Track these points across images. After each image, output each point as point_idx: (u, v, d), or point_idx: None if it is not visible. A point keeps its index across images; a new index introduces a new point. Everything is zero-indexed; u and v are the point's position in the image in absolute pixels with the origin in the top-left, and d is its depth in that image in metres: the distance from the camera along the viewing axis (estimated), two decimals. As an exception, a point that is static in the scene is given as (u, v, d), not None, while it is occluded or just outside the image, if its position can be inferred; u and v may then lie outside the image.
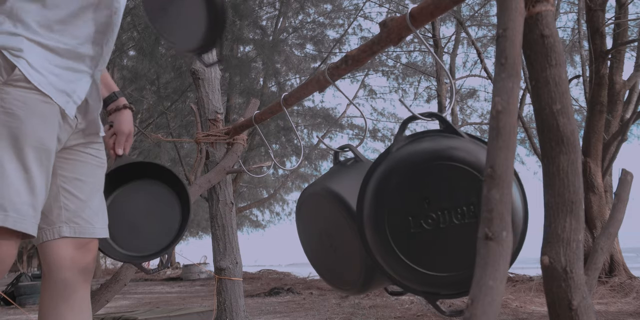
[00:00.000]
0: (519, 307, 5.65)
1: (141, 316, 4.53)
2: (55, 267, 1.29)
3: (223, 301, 2.26)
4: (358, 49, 1.22)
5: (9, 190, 1.10)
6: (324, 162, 13.16)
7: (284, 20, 10.76)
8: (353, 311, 5.68)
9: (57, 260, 1.29)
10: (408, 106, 1.10)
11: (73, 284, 1.31)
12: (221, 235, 2.31)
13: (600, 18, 6.75)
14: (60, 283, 1.30)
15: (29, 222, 1.14)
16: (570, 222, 0.75)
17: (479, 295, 0.51)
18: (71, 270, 1.31)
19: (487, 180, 0.58)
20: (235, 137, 2.25)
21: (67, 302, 1.30)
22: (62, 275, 1.30)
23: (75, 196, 1.33)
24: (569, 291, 0.74)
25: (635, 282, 6.44)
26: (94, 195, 1.36)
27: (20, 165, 1.12)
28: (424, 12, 1.01)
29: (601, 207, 6.74)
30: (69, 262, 1.31)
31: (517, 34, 0.66)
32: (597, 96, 6.70)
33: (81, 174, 1.34)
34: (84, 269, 1.33)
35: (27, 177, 1.13)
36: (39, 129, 1.15)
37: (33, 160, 1.14)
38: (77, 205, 1.33)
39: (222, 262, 2.28)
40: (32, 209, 1.14)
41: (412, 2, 9.32)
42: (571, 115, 0.79)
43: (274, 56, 9.65)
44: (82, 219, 1.33)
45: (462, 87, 13.14)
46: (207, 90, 2.33)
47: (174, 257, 22.40)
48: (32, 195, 1.14)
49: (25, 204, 1.13)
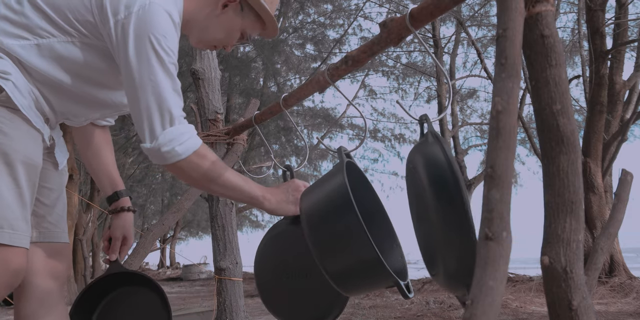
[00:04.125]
0: (519, 307, 5.65)
1: (141, 316, 4.53)
2: (29, 273, 1.29)
3: (223, 301, 2.26)
4: (358, 49, 1.22)
5: (3, 207, 1.12)
6: (324, 162, 13.16)
7: (284, 20, 10.76)
8: (353, 311, 5.68)
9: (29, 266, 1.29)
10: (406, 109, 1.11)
11: (48, 290, 1.32)
12: (221, 235, 2.31)
13: (600, 18, 6.75)
14: (35, 289, 1.31)
15: (23, 236, 1.15)
16: (570, 222, 0.75)
17: (479, 296, 0.51)
18: (42, 276, 1.32)
19: (487, 180, 0.58)
20: (235, 137, 2.25)
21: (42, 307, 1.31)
22: (36, 281, 1.32)
23: (42, 202, 1.35)
24: (569, 291, 0.74)
25: (635, 282, 6.44)
26: (58, 201, 1.39)
27: (12, 180, 1.13)
28: (424, 12, 1.00)
29: (601, 207, 6.74)
30: (42, 267, 1.33)
31: (517, 34, 0.66)
32: (597, 96, 6.70)
33: (46, 182, 1.36)
34: (57, 276, 1.36)
35: (19, 193, 1.15)
36: (27, 146, 1.17)
37: (23, 175, 1.15)
38: (44, 211, 1.36)
39: (222, 262, 2.28)
40: (25, 223, 1.16)
41: (412, 2, 9.33)
42: (571, 115, 0.79)
43: (274, 56, 9.65)
44: (50, 224, 1.36)
45: (462, 87, 13.13)
46: (207, 90, 2.33)
47: (174, 257, 22.41)
48: (23, 209, 1.16)
49: (18, 219, 1.14)
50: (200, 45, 1.38)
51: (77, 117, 1.37)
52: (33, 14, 1.19)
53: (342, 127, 13.19)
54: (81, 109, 1.33)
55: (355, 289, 1.11)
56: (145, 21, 1.14)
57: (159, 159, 1.20)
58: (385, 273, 1.01)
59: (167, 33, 1.16)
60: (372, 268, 1.01)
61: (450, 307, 5.77)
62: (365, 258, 1.01)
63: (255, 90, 10.08)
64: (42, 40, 1.19)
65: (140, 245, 2.20)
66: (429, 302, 6.07)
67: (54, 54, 1.20)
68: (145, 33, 1.14)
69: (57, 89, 1.25)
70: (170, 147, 1.18)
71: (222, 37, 1.35)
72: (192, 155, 1.20)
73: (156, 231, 2.24)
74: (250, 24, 1.35)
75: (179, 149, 1.18)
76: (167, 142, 1.17)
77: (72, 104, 1.30)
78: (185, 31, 1.34)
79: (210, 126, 2.30)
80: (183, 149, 1.19)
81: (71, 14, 1.19)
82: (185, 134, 1.20)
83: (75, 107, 1.31)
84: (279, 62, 10.46)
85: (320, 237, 1.09)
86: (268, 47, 9.36)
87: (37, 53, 1.19)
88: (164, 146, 1.17)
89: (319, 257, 1.08)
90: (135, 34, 1.14)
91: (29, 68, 1.20)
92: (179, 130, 1.19)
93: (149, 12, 1.14)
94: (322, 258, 1.08)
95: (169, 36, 1.16)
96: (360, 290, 1.12)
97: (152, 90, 1.16)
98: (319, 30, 10.81)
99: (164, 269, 20.77)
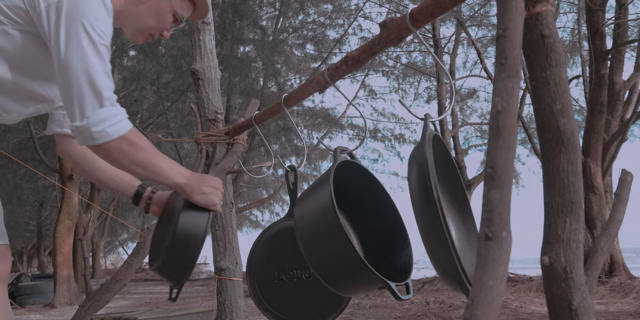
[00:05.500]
0: (519, 307, 5.65)
1: (141, 316, 4.53)
2: None
3: (223, 301, 2.26)
4: (358, 49, 1.22)
5: None
6: (324, 162, 13.17)
7: (284, 20, 10.76)
8: (353, 311, 5.68)
9: None
10: (407, 107, 1.11)
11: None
12: (221, 235, 2.31)
13: (600, 18, 6.75)
14: None
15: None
16: (570, 222, 0.75)
17: (479, 296, 0.51)
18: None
19: (487, 180, 0.58)
20: (236, 137, 2.25)
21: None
22: None
23: None
24: (569, 291, 0.74)
25: (635, 282, 6.44)
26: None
27: None
28: (424, 12, 1.00)
29: (601, 207, 6.74)
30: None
31: (517, 34, 0.66)
32: (597, 96, 6.70)
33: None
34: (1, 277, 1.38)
35: None
36: None
37: None
38: None
39: (222, 262, 2.28)
40: None
41: (412, 2, 9.32)
42: (571, 115, 0.79)
43: (274, 56, 9.65)
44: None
45: (462, 88, 13.14)
46: (207, 90, 2.33)
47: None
48: None
49: None
50: (137, 36, 1.39)
51: (10, 113, 1.36)
52: None
53: (342, 127, 13.19)
54: (13, 104, 1.33)
55: (348, 291, 1.12)
56: (76, 4, 1.16)
57: (87, 139, 1.19)
58: (373, 276, 1.01)
59: (99, 15, 1.17)
60: (359, 272, 1.02)
61: (450, 307, 5.77)
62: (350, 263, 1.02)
63: (255, 90, 10.08)
64: None
65: (140, 245, 2.20)
66: (429, 302, 6.07)
67: None
68: (76, 15, 1.15)
69: None
70: (101, 128, 1.17)
71: (154, 23, 1.37)
72: (121, 138, 1.20)
73: (156, 231, 2.24)
74: (178, 4, 1.38)
75: (109, 130, 1.18)
76: (98, 123, 1.17)
77: (4, 100, 1.30)
78: (117, 25, 1.35)
79: (210, 126, 2.30)
80: (114, 131, 1.18)
81: (1, 1, 1.20)
82: (118, 116, 1.20)
83: (7, 103, 1.32)
84: (279, 62, 10.46)
85: (307, 243, 1.11)
86: (268, 47, 9.35)
87: None
88: (94, 126, 1.17)
89: (308, 261, 1.10)
90: (67, 15, 1.15)
91: None
92: (111, 112, 1.19)
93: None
94: (310, 262, 1.10)
95: (101, 18, 1.18)
96: (353, 292, 1.12)
97: (82, 71, 1.15)
98: (319, 30, 10.81)
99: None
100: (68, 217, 8.63)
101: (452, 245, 0.89)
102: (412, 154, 1.06)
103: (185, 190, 1.29)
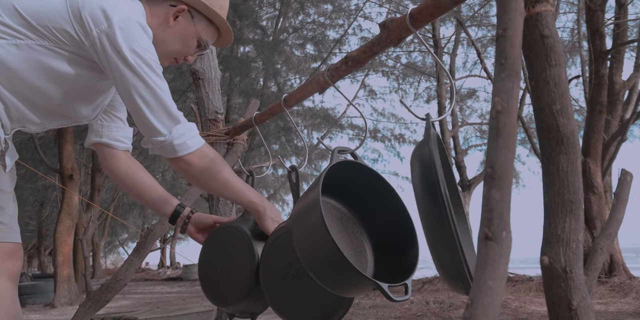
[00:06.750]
0: (519, 307, 5.66)
1: (141, 316, 4.53)
2: None
3: (223, 301, 2.25)
4: (358, 50, 1.22)
5: None
6: (323, 162, 13.17)
7: (284, 20, 10.76)
8: (353, 311, 5.68)
9: None
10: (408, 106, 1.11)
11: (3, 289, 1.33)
12: (221, 235, 2.30)
13: (600, 18, 6.75)
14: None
15: None
16: (570, 222, 0.76)
17: (479, 295, 0.51)
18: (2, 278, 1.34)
19: (487, 180, 0.58)
20: (236, 137, 2.25)
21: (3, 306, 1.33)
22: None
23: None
24: (569, 291, 0.74)
25: (634, 282, 6.44)
26: (9, 202, 1.42)
27: None
28: (424, 12, 1.00)
29: (601, 207, 6.74)
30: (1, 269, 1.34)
31: (517, 34, 0.66)
32: (597, 96, 6.71)
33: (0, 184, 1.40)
34: (12, 276, 1.37)
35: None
36: None
37: None
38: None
39: (222, 262, 2.27)
40: None
41: (412, 2, 9.33)
42: (571, 115, 0.79)
43: (274, 56, 9.65)
44: (3, 224, 1.37)
45: (462, 88, 13.15)
46: (207, 90, 2.33)
47: (174, 257, 22.41)
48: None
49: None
50: (162, 59, 1.43)
51: (36, 126, 1.41)
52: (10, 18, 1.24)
53: (342, 127, 13.20)
54: (44, 119, 1.39)
55: (345, 292, 1.12)
56: (129, 35, 1.24)
57: (170, 152, 1.31)
58: (365, 279, 1.01)
59: (149, 46, 1.28)
60: (351, 276, 1.02)
61: (450, 307, 5.77)
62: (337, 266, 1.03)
63: (255, 90, 10.08)
64: (19, 41, 1.24)
65: (141, 245, 2.20)
66: (429, 302, 6.08)
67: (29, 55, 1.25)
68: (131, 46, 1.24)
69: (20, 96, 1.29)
70: (182, 141, 1.30)
71: (179, 48, 1.43)
72: (199, 150, 1.32)
73: (156, 231, 2.24)
74: (203, 30, 1.43)
75: (189, 142, 1.31)
76: (179, 136, 1.30)
77: (36, 114, 1.35)
78: None
79: (210, 126, 2.30)
80: (193, 143, 1.31)
81: (49, 23, 1.25)
82: (193, 130, 1.33)
83: (38, 117, 1.37)
84: (279, 62, 10.46)
85: (300, 247, 1.12)
86: (268, 47, 9.36)
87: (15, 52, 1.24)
88: (176, 139, 1.29)
89: (304, 265, 1.12)
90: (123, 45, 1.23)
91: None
92: (187, 126, 1.31)
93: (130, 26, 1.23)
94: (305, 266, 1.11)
95: (152, 49, 1.28)
96: (350, 292, 1.13)
97: (152, 95, 1.26)
98: (319, 31, 10.81)
99: (164, 269, 20.77)
100: (68, 217, 8.63)
101: (459, 245, 0.89)
102: (414, 153, 1.06)
103: (259, 209, 1.38)
